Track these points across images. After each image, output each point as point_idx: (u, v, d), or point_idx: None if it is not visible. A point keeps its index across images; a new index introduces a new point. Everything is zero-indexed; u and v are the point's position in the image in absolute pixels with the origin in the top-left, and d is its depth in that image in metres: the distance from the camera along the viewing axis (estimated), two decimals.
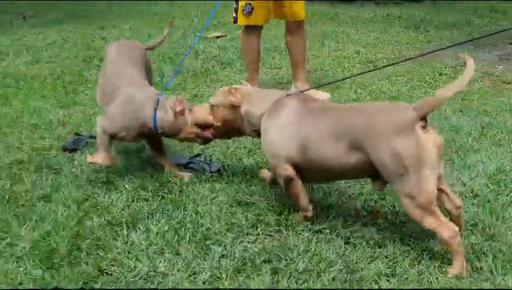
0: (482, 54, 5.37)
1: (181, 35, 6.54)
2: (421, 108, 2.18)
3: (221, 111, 2.73)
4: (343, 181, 2.86)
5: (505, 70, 4.84)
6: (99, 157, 2.91)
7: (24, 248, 2.35)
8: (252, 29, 4.16)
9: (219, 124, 2.76)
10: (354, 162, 2.31)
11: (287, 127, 2.47)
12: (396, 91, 4.36)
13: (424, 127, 2.17)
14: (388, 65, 3.91)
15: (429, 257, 2.25)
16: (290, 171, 2.48)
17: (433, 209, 2.16)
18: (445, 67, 4.96)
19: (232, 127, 2.76)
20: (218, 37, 6.46)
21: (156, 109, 2.85)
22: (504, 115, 3.78)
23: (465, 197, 2.71)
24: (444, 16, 7.21)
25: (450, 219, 2.24)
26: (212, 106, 2.78)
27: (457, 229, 2.15)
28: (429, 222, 2.17)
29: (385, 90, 4.40)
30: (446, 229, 2.14)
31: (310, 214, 2.54)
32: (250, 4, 4.03)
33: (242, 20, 4.12)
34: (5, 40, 6.43)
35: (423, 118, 2.17)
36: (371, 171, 2.30)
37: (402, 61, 4.10)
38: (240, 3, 4.05)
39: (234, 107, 2.69)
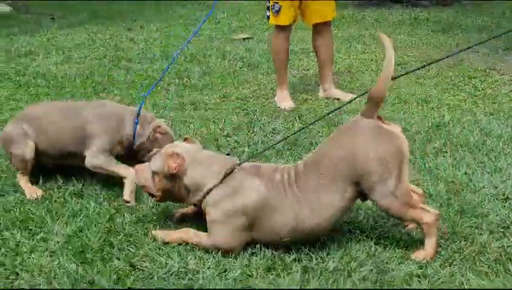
0: None
1: (207, 38, 6.59)
2: (369, 109, 2.25)
3: (160, 179, 2.38)
4: None
5: None
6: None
7: (58, 242, 2.40)
8: (281, 30, 4.17)
9: (158, 193, 2.43)
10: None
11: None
12: (425, 94, 4.32)
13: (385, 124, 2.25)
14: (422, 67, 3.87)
15: (461, 259, 2.24)
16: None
17: (412, 202, 2.24)
18: (475, 71, 4.91)
19: (174, 197, 2.44)
20: (245, 38, 6.49)
21: None
22: None
23: (496, 199, 2.68)
24: (472, 19, 7.14)
25: None
26: (152, 172, 2.42)
27: (437, 211, 2.26)
28: (413, 213, 2.23)
29: (414, 92, 4.37)
30: (429, 213, 2.23)
31: None
32: (277, 3, 4.04)
33: (272, 19, 4.13)
34: (35, 41, 6.55)
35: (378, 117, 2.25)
36: None
37: (433, 62, 4.08)
38: (270, 2, 4.06)
39: (174, 176, 2.35)
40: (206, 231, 2.36)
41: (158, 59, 5.62)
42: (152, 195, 2.49)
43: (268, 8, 4.10)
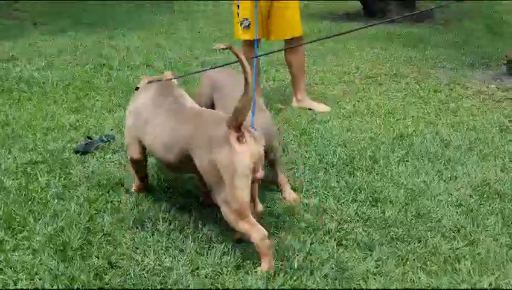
0: (476, 74, 5.57)
1: (188, 47, 6.76)
2: (233, 120, 2.32)
3: None
4: (338, 188, 3.07)
5: (496, 89, 5.03)
6: None
7: (39, 241, 2.53)
8: (249, 44, 4.28)
9: None
10: (186, 167, 2.61)
11: (142, 110, 2.81)
12: (392, 106, 4.55)
13: (240, 137, 2.32)
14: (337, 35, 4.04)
15: (413, 259, 2.44)
16: (137, 154, 2.88)
17: (246, 214, 2.34)
18: (440, 85, 5.16)
19: None
20: (224, 48, 6.66)
21: None
22: (492, 131, 3.96)
23: (450, 205, 2.90)
24: (442, 35, 7.43)
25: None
26: None
27: (266, 232, 2.34)
28: (243, 226, 2.35)
29: (382, 105, 4.60)
30: (257, 233, 2.34)
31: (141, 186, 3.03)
32: (247, 19, 4.20)
33: (241, 34, 4.30)
34: (18, 46, 6.64)
35: (238, 129, 2.32)
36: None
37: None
38: (239, 17, 4.22)
39: None
40: None
41: (139, 66, 5.77)
42: None
43: (238, 23, 4.27)
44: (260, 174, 2.40)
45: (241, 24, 4.24)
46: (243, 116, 2.33)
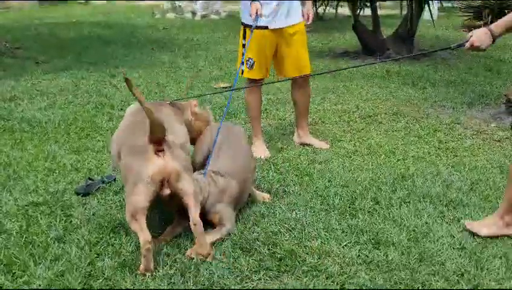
0: (475, 113, 5.61)
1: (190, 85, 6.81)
2: (150, 135, 2.67)
3: None
4: (340, 230, 3.05)
5: (496, 128, 5.05)
6: None
7: (40, 285, 2.52)
8: (254, 83, 4.43)
9: None
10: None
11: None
12: (392, 146, 4.57)
13: (159, 151, 2.68)
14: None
15: None
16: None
17: (138, 217, 2.64)
18: (440, 124, 5.19)
19: None
20: (224, 87, 6.73)
21: None
22: (493, 171, 3.97)
23: (453, 248, 2.89)
24: (440, 73, 7.50)
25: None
26: None
27: (149, 238, 2.62)
28: (134, 226, 2.67)
29: (383, 144, 4.62)
30: (143, 236, 2.62)
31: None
32: (252, 58, 4.30)
33: (246, 73, 4.38)
34: (19, 86, 6.69)
35: (157, 142, 2.67)
36: None
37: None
38: (244, 57, 4.31)
39: None
40: None
41: None
42: None
43: (242, 62, 4.35)
44: (164, 191, 2.70)
45: (246, 63, 4.31)
46: (155, 133, 2.66)
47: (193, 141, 3.41)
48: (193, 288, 2.53)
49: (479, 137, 4.81)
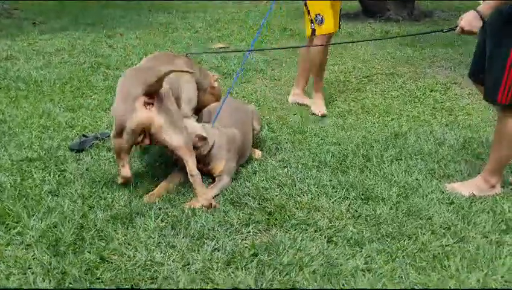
0: None
1: (185, 46, 6.77)
2: (145, 87, 2.78)
3: None
4: (330, 186, 3.08)
5: None
6: None
7: (33, 236, 2.56)
8: (325, 39, 4.35)
9: None
10: None
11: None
12: (387, 105, 4.57)
13: (148, 104, 2.79)
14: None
15: (403, 256, 2.46)
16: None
17: (122, 155, 2.92)
18: (437, 84, 5.17)
19: None
20: (221, 48, 6.69)
21: None
22: (487, 130, 3.98)
23: (442, 203, 2.92)
24: (439, 35, 7.42)
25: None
26: None
27: (128, 175, 2.98)
28: (118, 162, 2.96)
29: (377, 104, 4.61)
30: (123, 170, 2.96)
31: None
32: (319, 14, 4.26)
33: (318, 30, 4.31)
34: (16, 45, 6.66)
35: (149, 95, 2.79)
36: None
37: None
38: (311, 14, 4.26)
39: None
40: None
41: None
42: None
43: (311, 21, 4.29)
44: (144, 141, 2.88)
45: (315, 20, 4.28)
46: (149, 87, 2.78)
47: (197, 112, 3.49)
48: (183, 240, 2.57)
49: (475, 97, 4.79)
